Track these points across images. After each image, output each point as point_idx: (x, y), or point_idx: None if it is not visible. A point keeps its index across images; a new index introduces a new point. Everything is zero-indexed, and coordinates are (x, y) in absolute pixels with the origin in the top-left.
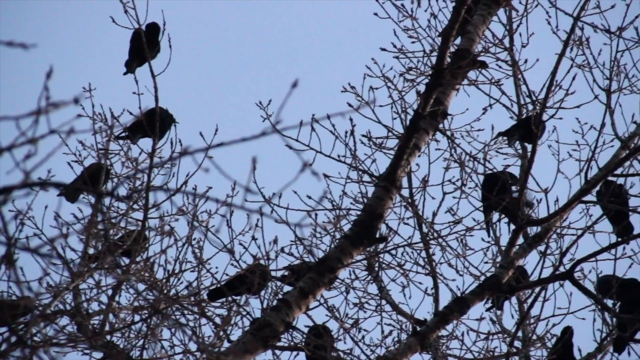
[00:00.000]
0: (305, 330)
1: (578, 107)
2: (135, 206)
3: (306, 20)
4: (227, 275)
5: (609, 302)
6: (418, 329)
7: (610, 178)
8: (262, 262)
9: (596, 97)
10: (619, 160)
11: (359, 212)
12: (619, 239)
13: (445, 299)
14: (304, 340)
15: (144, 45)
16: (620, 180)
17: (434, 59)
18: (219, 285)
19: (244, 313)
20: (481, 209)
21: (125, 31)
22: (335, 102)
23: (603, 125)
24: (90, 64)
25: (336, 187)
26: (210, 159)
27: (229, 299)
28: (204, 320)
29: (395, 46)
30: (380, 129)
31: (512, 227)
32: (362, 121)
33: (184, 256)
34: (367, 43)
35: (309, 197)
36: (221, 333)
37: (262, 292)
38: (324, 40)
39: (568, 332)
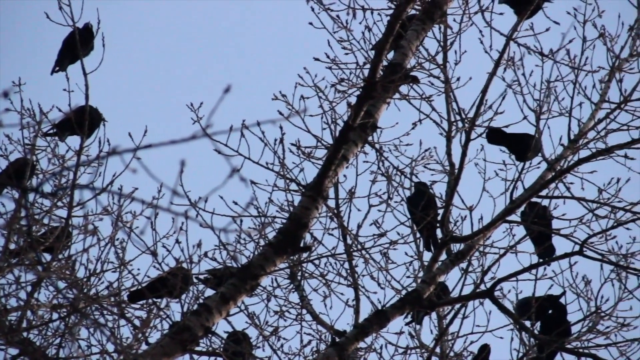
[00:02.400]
0: (225, 335)
1: (507, 126)
2: (59, 203)
3: (242, 25)
4: (148, 277)
5: (528, 323)
6: (337, 339)
7: (535, 199)
8: (184, 265)
9: (525, 117)
10: (545, 181)
11: (284, 221)
12: (540, 260)
13: (365, 311)
14: (222, 345)
15: (77, 43)
16: (545, 202)
17: (366, 72)
18: (140, 287)
19: (164, 316)
20: (407, 223)
21: (59, 27)
22: (266, 109)
23: (531, 146)
24: (21, 59)
25: (263, 194)
26: (138, 160)
27: (150, 301)
28: (123, 322)
29: (328, 57)
30: (309, 138)
31: (434, 243)
32: (292, 130)
33: (106, 256)
34: (301, 52)
35: (235, 203)
36: (140, 335)
37: (183, 296)
38: (259, 46)
39: (485, 350)
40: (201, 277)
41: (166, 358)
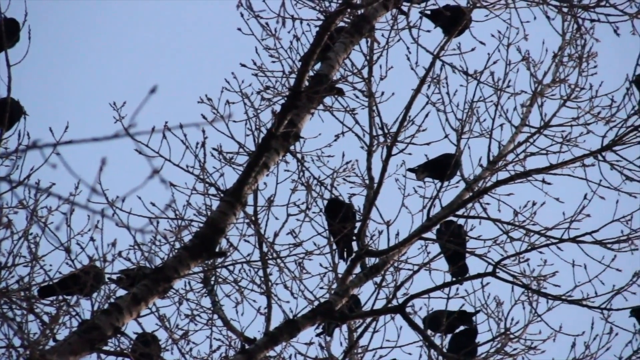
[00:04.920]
0: (134, 336)
1: (428, 144)
2: None
3: (171, 26)
4: (60, 273)
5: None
6: (247, 346)
7: (451, 218)
8: (97, 264)
9: (447, 136)
10: (462, 201)
11: (201, 225)
12: (453, 279)
13: (277, 319)
14: (130, 346)
15: (3, 34)
16: (461, 221)
17: (292, 81)
18: (50, 283)
19: (74, 313)
20: (325, 234)
21: None
22: (190, 112)
23: (450, 165)
24: None
25: (181, 197)
26: (58, 155)
27: (60, 297)
28: (31, 317)
29: (255, 63)
30: (232, 144)
31: (348, 255)
32: (215, 134)
33: (19, 250)
34: (229, 57)
35: (153, 204)
36: (48, 331)
37: (94, 294)
38: (186, 48)
39: None
40: (114, 276)
41: (73, 356)
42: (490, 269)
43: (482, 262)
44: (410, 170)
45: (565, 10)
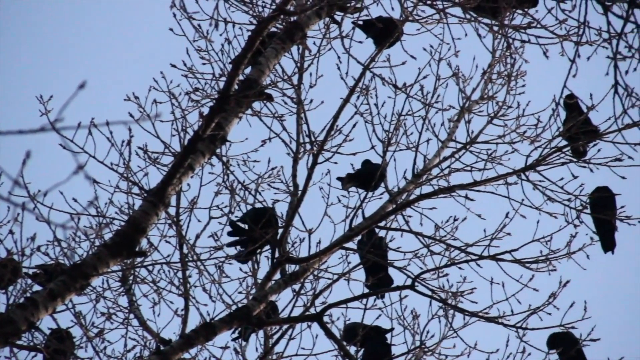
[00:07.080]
0: (48, 332)
1: (354, 154)
2: None
3: (102, 22)
4: None
5: (353, 349)
6: (162, 347)
7: (373, 228)
8: (15, 257)
9: (373, 147)
10: (385, 213)
11: (122, 223)
12: (371, 290)
13: (194, 322)
14: (44, 342)
15: None
16: (383, 233)
17: (222, 84)
18: None
19: None
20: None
21: None
22: (117, 109)
23: (375, 176)
24: None
25: (104, 194)
26: None
27: None
28: None
29: (185, 64)
30: (157, 143)
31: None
32: (141, 133)
33: None
34: (159, 56)
35: (75, 200)
36: None
37: (10, 288)
38: (116, 45)
39: None
40: (31, 271)
41: None
42: (409, 282)
43: (402, 274)
44: (338, 178)
45: (496, 29)
